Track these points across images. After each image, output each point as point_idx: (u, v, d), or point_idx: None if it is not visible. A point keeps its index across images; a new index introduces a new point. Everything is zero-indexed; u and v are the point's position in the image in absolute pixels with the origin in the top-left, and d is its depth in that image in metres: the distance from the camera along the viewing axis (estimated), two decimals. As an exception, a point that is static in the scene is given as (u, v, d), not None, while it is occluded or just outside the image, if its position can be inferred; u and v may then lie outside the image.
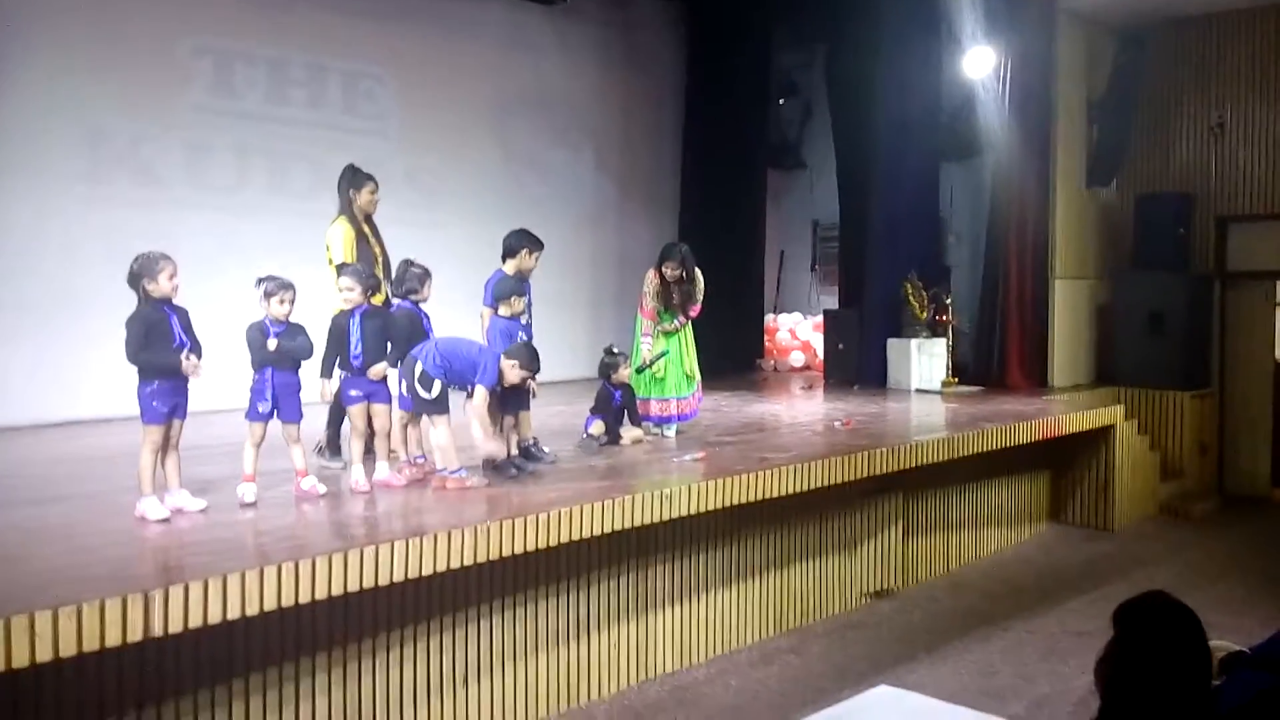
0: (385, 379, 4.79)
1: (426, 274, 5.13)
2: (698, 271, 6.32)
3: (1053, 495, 8.27)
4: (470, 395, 4.82)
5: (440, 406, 4.72)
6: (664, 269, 6.21)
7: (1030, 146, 8.91)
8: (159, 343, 4.06)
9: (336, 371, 4.77)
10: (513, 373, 4.88)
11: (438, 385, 4.68)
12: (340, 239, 5.43)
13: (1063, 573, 6.96)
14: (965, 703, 3.95)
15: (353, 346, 4.69)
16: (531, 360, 4.95)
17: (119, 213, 7.11)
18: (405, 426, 5.00)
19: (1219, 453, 9.35)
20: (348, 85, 8.55)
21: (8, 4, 6.78)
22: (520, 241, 5.49)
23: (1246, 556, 7.32)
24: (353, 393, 4.71)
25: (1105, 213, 9.64)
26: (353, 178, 5.59)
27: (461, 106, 9.23)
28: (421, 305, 5.14)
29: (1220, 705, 2.66)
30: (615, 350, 6.02)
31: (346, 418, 4.84)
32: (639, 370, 6.18)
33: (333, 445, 5.37)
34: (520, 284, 5.41)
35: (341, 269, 5.06)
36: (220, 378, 4.72)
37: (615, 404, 5.94)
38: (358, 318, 4.72)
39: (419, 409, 4.79)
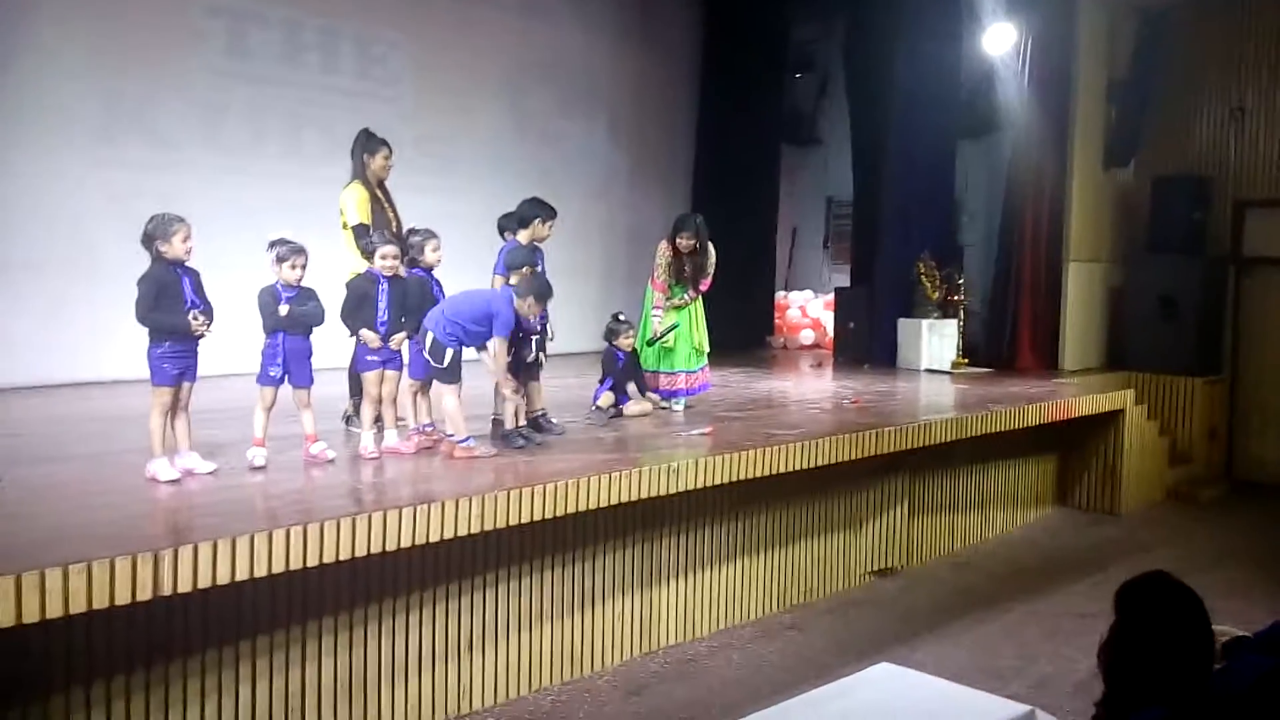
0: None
1: (427, 237, 5.08)
2: (710, 244, 6.28)
3: (1060, 478, 8.26)
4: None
5: (452, 375, 4.71)
6: (678, 239, 6.17)
7: (1048, 126, 8.84)
8: (170, 303, 4.06)
9: (365, 333, 4.74)
10: (529, 308, 4.87)
11: (449, 354, 4.67)
12: (354, 201, 5.42)
13: (1067, 555, 6.97)
14: (966, 682, 3.96)
15: (380, 313, 4.70)
16: (544, 291, 4.93)
17: (130, 174, 7.10)
18: (415, 395, 5.00)
19: (1228, 438, 9.32)
20: (361, 50, 8.50)
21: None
22: (534, 210, 5.47)
23: (1253, 542, 7.31)
24: (369, 358, 4.71)
25: (1121, 195, 9.56)
26: (366, 142, 5.57)
27: (475, 74, 9.17)
28: (432, 271, 5.13)
29: (1222, 688, 2.67)
30: (621, 317, 6.03)
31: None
32: (649, 343, 6.18)
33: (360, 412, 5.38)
34: (533, 253, 5.39)
35: (359, 232, 5.07)
36: (231, 341, 4.74)
37: (619, 366, 5.94)
38: (385, 284, 4.71)
39: (431, 377, 4.79)
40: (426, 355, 4.70)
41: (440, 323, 4.69)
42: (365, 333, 4.72)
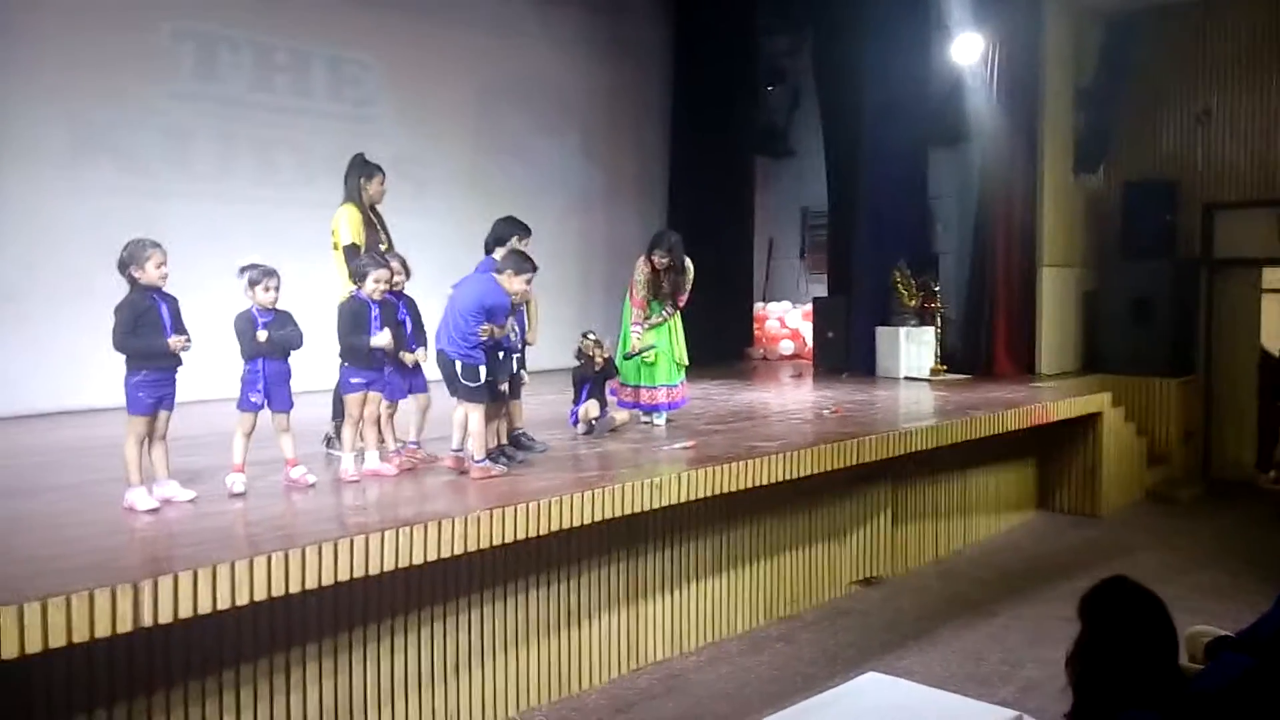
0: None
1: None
2: (688, 260, 6.30)
3: (1040, 482, 8.31)
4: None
5: (479, 394, 4.72)
6: (654, 257, 6.19)
7: (1017, 133, 8.94)
8: (147, 330, 4.02)
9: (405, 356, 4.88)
10: (515, 283, 4.86)
11: (483, 371, 4.71)
12: (348, 221, 5.44)
13: (1050, 559, 7.01)
14: (954, 689, 3.98)
15: (373, 337, 4.68)
16: (521, 262, 4.93)
17: (102, 200, 7.05)
18: (391, 416, 4.99)
19: (1205, 438, 9.42)
20: (333, 71, 8.49)
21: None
22: (509, 229, 5.46)
23: (1232, 541, 7.38)
24: (353, 380, 4.69)
25: (1092, 200, 9.67)
26: (363, 167, 5.60)
27: (448, 93, 9.18)
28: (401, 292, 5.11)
29: (1205, 687, 2.69)
30: (591, 335, 6.04)
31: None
32: (626, 357, 6.19)
33: (341, 434, 5.35)
34: None
35: (350, 252, 5.10)
36: (205, 367, 4.69)
37: (589, 379, 5.96)
38: (376, 307, 4.70)
39: (462, 397, 4.74)
40: (461, 380, 4.68)
41: (457, 344, 4.68)
42: (406, 355, 4.86)
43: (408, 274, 5.07)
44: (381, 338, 4.64)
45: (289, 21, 8.14)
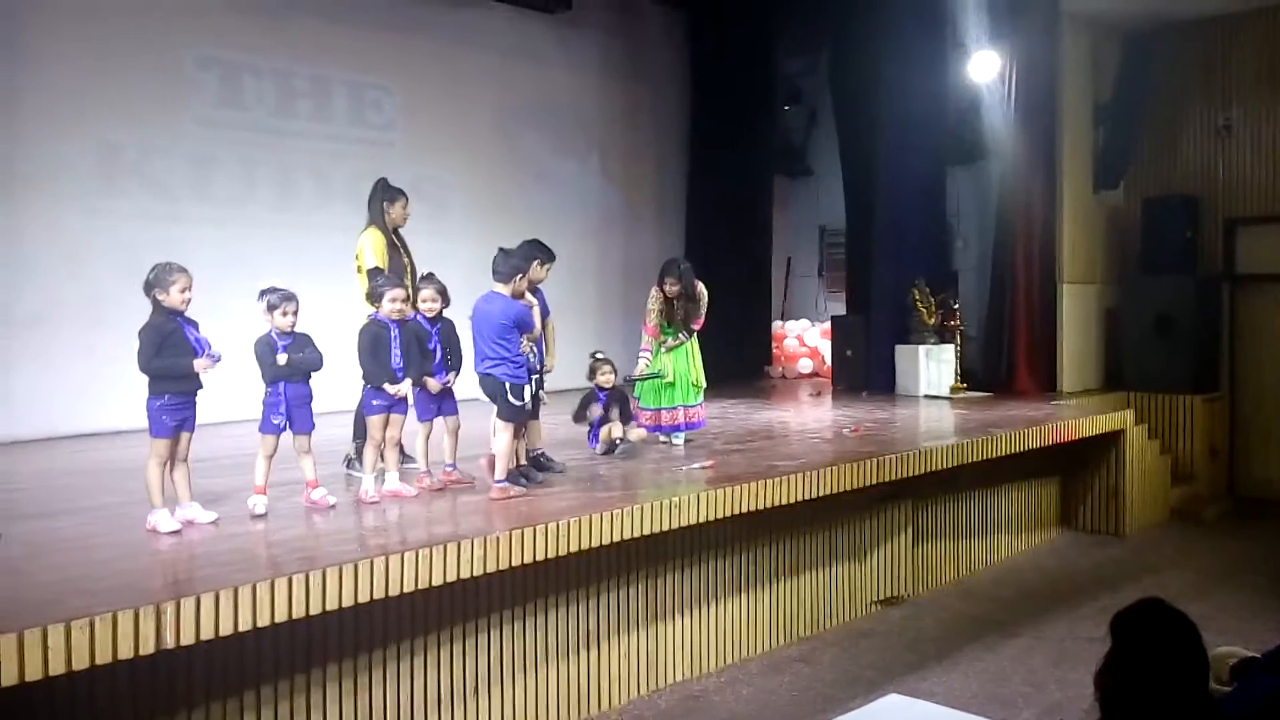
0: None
1: (424, 285, 5.09)
2: (700, 286, 6.30)
3: (1063, 501, 8.24)
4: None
5: (521, 414, 4.80)
6: (664, 285, 6.21)
7: (1036, 150, 8.91)
8: (171, 352, 4.08)
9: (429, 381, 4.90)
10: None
11: (528, 390, 4.79)
12: (371, 245, 5.50)
13: (1073, 579, 6.93)
14: (976, 710, 3.95)
15: (395, 359, 4.71)
16: (532, 250, 5.07)
17: (129, 226, 7.15)
18: (427, 438, 5.02)
19: (1230, 456, 9.31)
20: (353, 96, 8.59)
21: (16, 19, 6.83)
22: (532, 252, 5.47)
23: (1258, 560, 7.28)
24: (375, 402, 4.72)
25: (1112, 216, 9.62)
26: (386, 191, 5.67)
27: (467, 116, 9.26)
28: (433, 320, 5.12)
29: (1232, 709, 2.66)
30: (599, 355, 6.06)
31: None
32: (627, 380, 6.21)
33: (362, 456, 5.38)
34: (529, 292, 5.40)
35: (374, 275, 5.13)
36: (226, 390, 4.74)
37: (602, 404, 5.96)
38: (395, 329, 4.74)
39: (506, 417, 4.77)
40: (510, 400, 4.72)
41: (503, 366, 4.72)
42: (430, 382, 4.85)
43: (446, 300, 5.04)
44: (401, 388, 4.69)
45: (310, 48, 8.25)
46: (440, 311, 4.99)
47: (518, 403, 4.75)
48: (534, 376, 5.24)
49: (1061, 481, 8.20)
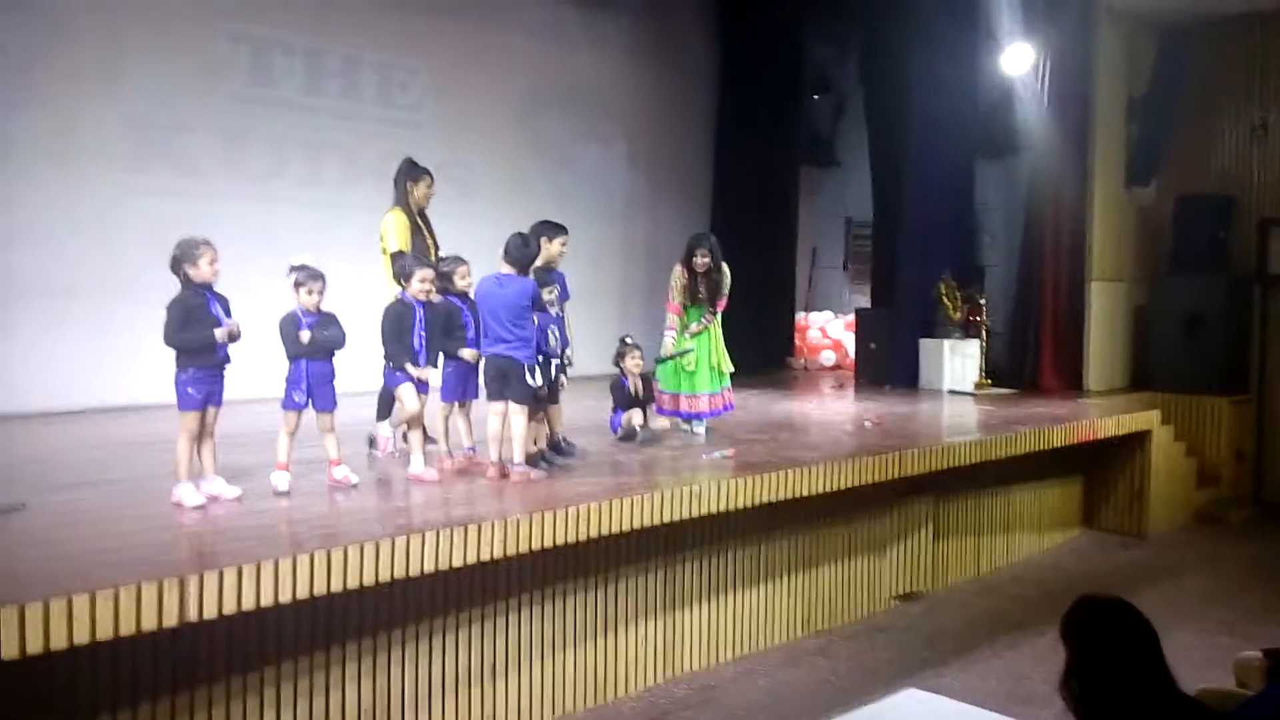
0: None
1: (456, 264, 5.10)
2: (724, 264, 6.28)
3: (1085, 500, 8.17)
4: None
5: (533, 396, 4.79)
6: (694, 259, 6.16)
7: (1068, 145, 8.81)
8: (197, 326, 4.10)
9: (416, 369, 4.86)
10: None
11: (540, 371, 4.79)
12: (395, 227, 5.50)
13: (1095, 579, 6.87)
14: (994, 708, 3.92)
15: (417, 338, 4.73)
16: (538, 230, 5.12)
17: (157, 201, 7.18)
18: (446, 419, 5.02)
19: (1257, 459, 9.20)
20: (382, 76, 8.59)
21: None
22: (540, 231, 5.39)
23: (1283, 565, 7.21)
24: (399, 374, 4.75)
25: (1143, 214, 9.50)
26: (410, 170, 5.66)
27: (494, 99, 9.24)
28: (465, 296, 5.12)
29: (1257, 715, 2.63)
30: (629, 340, 6.04)
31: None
32: (659, 361, 6.18)
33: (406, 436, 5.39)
34: (548, 274, 5.37)
35: (398, 258, 5.14)
36: (254, 366, 4.76)
37: (625, 387, 5.96)
38: (420, 309, 4.75)
39: (517, 399, 4.76)
40: (526, 382, 4.72)
41: (522, 348, 4.72)
42: (465, 352, 4.93)
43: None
44: (423, 371, 4.74)
45: (341, 27, 8.25)
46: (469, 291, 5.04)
47: (534, 384, 4.73)
48: (554, 361, 5.23)
49: (1084, 480, 8.14)
